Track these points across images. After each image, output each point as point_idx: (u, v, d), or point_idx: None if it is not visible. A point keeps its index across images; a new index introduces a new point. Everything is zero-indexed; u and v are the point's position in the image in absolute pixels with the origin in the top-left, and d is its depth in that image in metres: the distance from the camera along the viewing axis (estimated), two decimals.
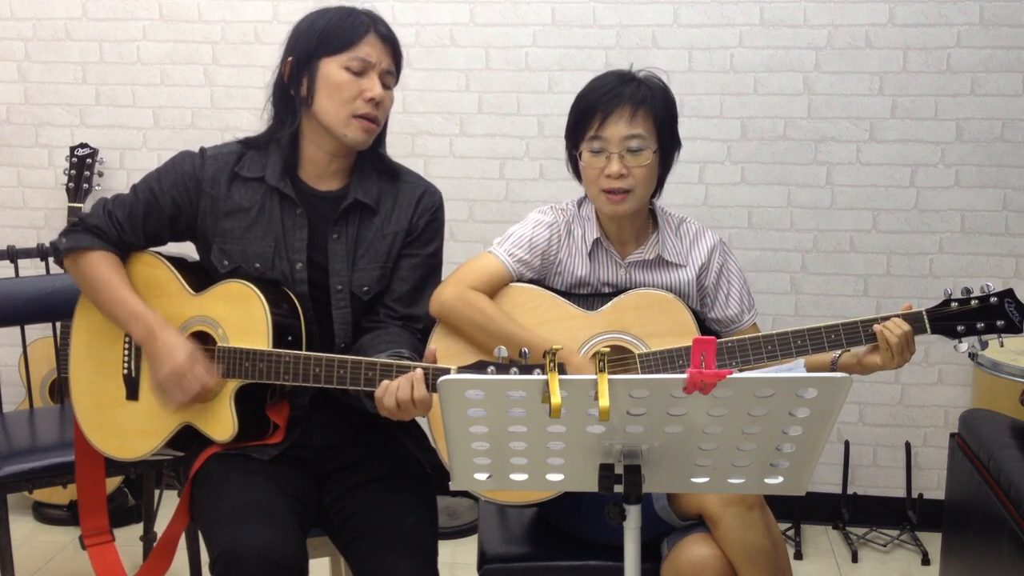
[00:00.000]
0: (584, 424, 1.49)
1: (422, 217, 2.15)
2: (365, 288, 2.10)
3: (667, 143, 2.12)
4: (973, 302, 1.99)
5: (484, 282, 2.11)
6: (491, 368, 1.75)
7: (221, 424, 2.02)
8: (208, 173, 2.09)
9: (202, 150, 2.12)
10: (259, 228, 2.08)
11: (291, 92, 2.07)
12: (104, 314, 2.11)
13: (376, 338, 2.05)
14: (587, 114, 2.09)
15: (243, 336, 2.01)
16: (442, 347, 2.10)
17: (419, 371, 1.84)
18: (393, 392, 1.84)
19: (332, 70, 2.02)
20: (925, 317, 1.99)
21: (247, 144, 2.13)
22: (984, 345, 2.00)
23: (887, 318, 1.99)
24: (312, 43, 2.03)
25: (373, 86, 2.02)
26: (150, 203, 2.10)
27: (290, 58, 2.06)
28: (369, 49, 2.02)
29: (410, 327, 2.12)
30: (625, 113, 2.05)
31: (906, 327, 1.96)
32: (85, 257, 2.10)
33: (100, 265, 2.09)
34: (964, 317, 1.98)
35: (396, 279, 2.13)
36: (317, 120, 2.05)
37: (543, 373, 1.70)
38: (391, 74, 2.07)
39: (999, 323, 1.98)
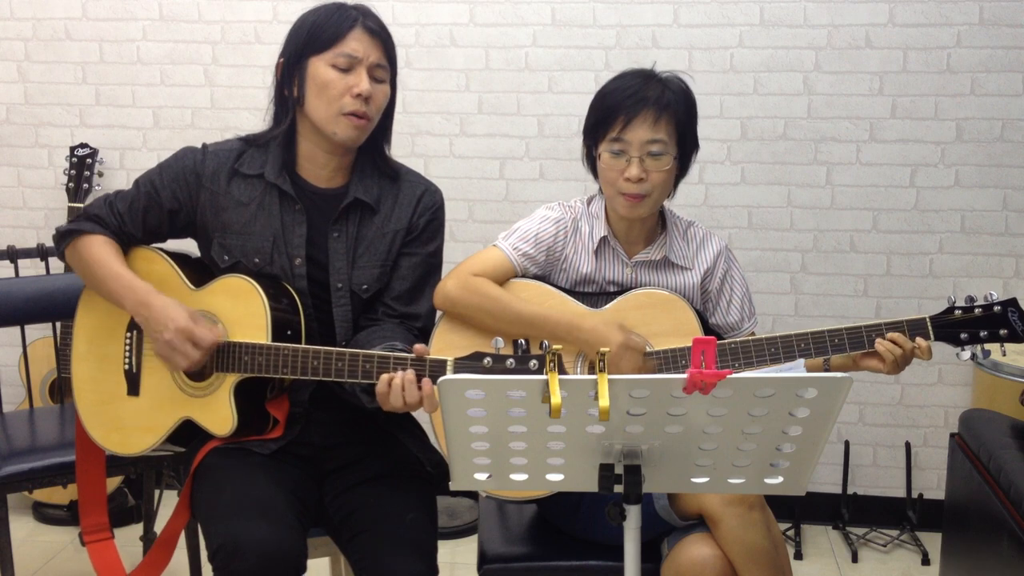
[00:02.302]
0: (584, 424, 1.49)
1: (422, 216, 2.15)
2: (365, 286, 2.10)
3: (687, 148, 2.12)
4: (977, 310, 1.99)
5: (488, 274, 2.12)
6: (487, 359, 1.76)
7: (221, 418, 2.03)
8: (209, 168, 2.10)
9: (204, 146, 2.14)
10: (258, 223, 2.08)
11: (285, 92, 2.08)
12: (101, 294, 2.11)
13: (371, 334, 2.05)
14: (609, 115, 2.07)
15: (243, 330, 2.01)
16: (447, 341, 2.11)
17: (411, 372, 1.84)
18: (399, 394, 1.84)
19: (319, 68, 2.02)
20: (929, 324, 1.99)
21: (248, 142, 2.14)
22: (987, 353, 2.00)
23: (891, 324, 1.99)
24: (300, 43, 2.04)
25: (360, 81, 2.01)
26: (151, 196, 2.11)
27: (281, 59, 2.07)
28: (355, 44, 2.01)
29: (408, 325, 2.12)
30: (648, 118, 2.04)
31: (909, 345, 1.96)
32: (84, 241, 2.11)
33: (97, 246, 2.10)
34: (968, 325, 1.99)
35: (396, 278, 2.13)
36: (310, 119, 2.05)
37: (538, 364, 1.71)
38: (382, 67, 2.06)
39: (1002, 332, 1.98)
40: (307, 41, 2.03)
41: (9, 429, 2.76)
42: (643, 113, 2.04)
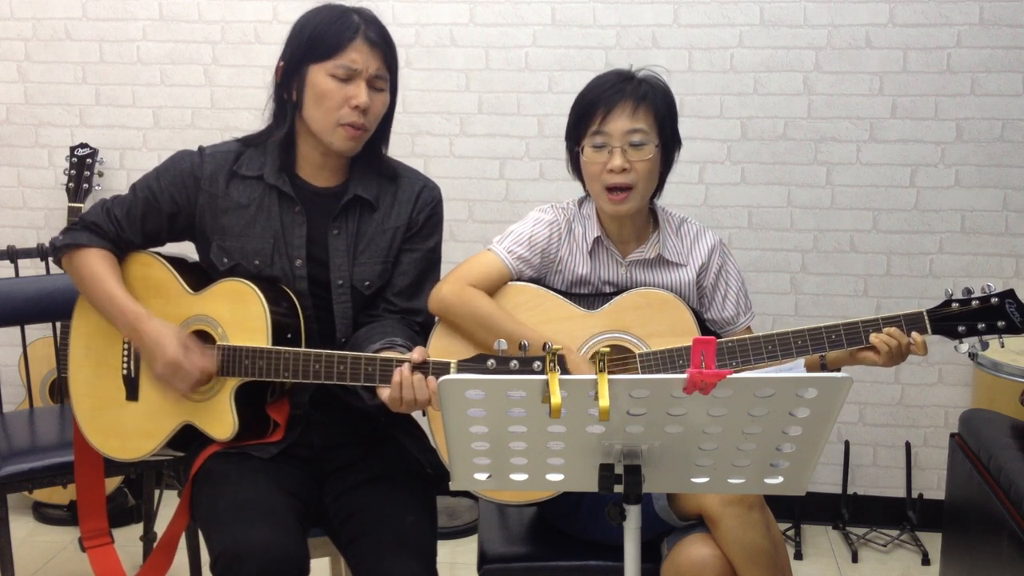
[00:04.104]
0: (584, 424, 1.49)
1: (422, 212, 2.15)
2: (367, 283, 2.10)
3: (668, 140, 2.12)
4: (974, 303, 1.99)
5: (484, 279, 2.12)
6: (491, 361, 1.76)
7: (221, 423, 2.02)
8: (207, 171, 2.09)
9: (200, 148, 2.13)
10: (258, 225, 2.08)
11: (284, 96, 2.07)
12: (97, 310, 2.11)
13: (371, 330, 2.05)
14: (589, 110, 2.09)
15: (243, 334, 2.01)
16: (442, 345, 2.11)
17: (418, 373, 1.84)
18: (411, 389, 1.84)
19: (318, 77, 2.00)
20: (926, 317, 1.99)
21: (245, 143, 2.14)
22: (985, 346, 2.00)
23: (888, 319, 1.99)
24: (301, 49, 2.02)
25: (359, 93, 2.00)
26: (149, 201, 2.11)
27: (281, 62, 2.06)
28: (356, 55, 1.99)
29: (408, 320, 2.13)
30: (627, 108, 2.06)
31: (904, 339, 1.97)
32: (80, 254, 2.10)
33: (94, 261, 2.09)
34: (965, 318, 1.99)
35: (397, 273, 2.14)
36: (307, 125, 2.05)
37: (542, 365, 1.71)
38: (381, 78, 2.04)
39: (1000, 324, 1.98)
40: (307, 48, 2.01)
41: (9, 429, 2.76)
42: (621, 103, 2.06)
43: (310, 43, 2.01)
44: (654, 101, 2.08)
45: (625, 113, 2.06)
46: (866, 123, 3.36)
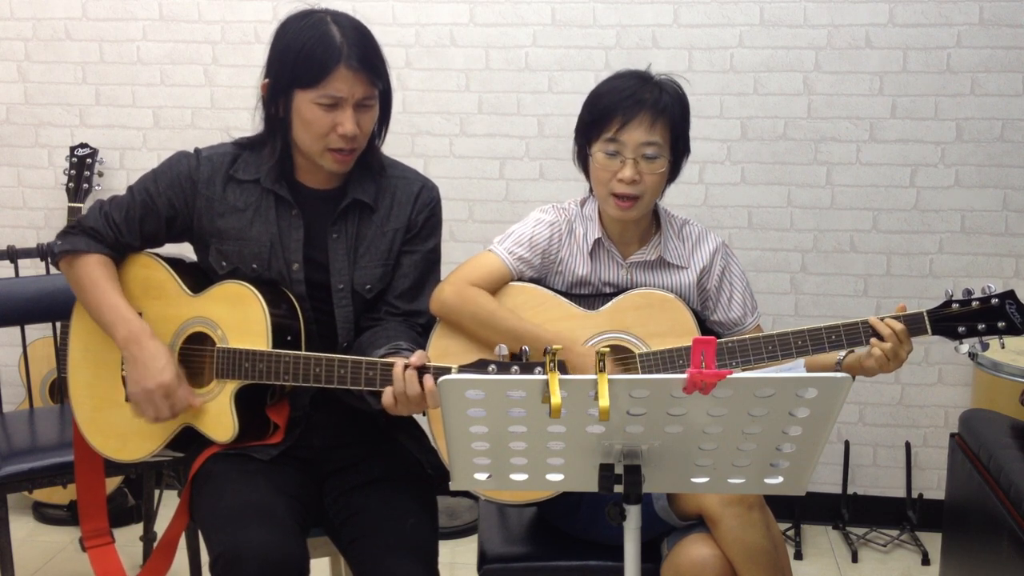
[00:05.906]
0: (584, 424, 1.49)
1: (421, 213, 2.15)
2: (368, 286, 2.10)
3: (679, 151, 2.12)
4: (974, 303, 1.99)
5: (484, 280, 2.11)
6: (492, 367, 1.75)
7: (222, 425, 2.02)
8: (203, 174, 2.09)
9: (197, 151, 2.12)
10: (255, 229, 2.08)
11: (272, 111, 2.05)
12: (93, 317, 2.10)
13: (374, 335, 2.05)
14: (606, 115, 2.06)
15: (242, 337, 2.01)
16: (442, 346, 2.11)
17: (406, 368, 1.85)
18: (403, 398, 1.84)
19: (304, 105, 1.98)
20: (926, 318, 1.99)
21: (241, 145, 2.13)
22: (985, 346, 2.00)
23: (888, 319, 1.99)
24: (285, 73, 1.98)
25: (345, 121, 1.97)
26: (146, 204, 2.10)
27: (266, 80, 2.03)
28: (339, 84, 1.95)
29: (411, 322, 2.12)
30: (645, 120, 2.04)
31: (899, 327, 1.96)
32: (79, 260, 2.10)
33: (93, 268, 2.08)
34: (965, 318, 1.99)
35: (398, 276, 2.13)
36: (297, 144, 2.05)
37: (544, 371, 1.70)
38: (368, 97, 2.00)
39: (1000, 324, 1.98)
40: (292, 73, 1.97)
41: (9, 429, 2.76)
42: (640, 115, 2.04)
43: (295, 69, 1.96)
44: (672, 114, 2.07)
45: (643, 126, 2.04)
46: (866, 123, 3.36)
